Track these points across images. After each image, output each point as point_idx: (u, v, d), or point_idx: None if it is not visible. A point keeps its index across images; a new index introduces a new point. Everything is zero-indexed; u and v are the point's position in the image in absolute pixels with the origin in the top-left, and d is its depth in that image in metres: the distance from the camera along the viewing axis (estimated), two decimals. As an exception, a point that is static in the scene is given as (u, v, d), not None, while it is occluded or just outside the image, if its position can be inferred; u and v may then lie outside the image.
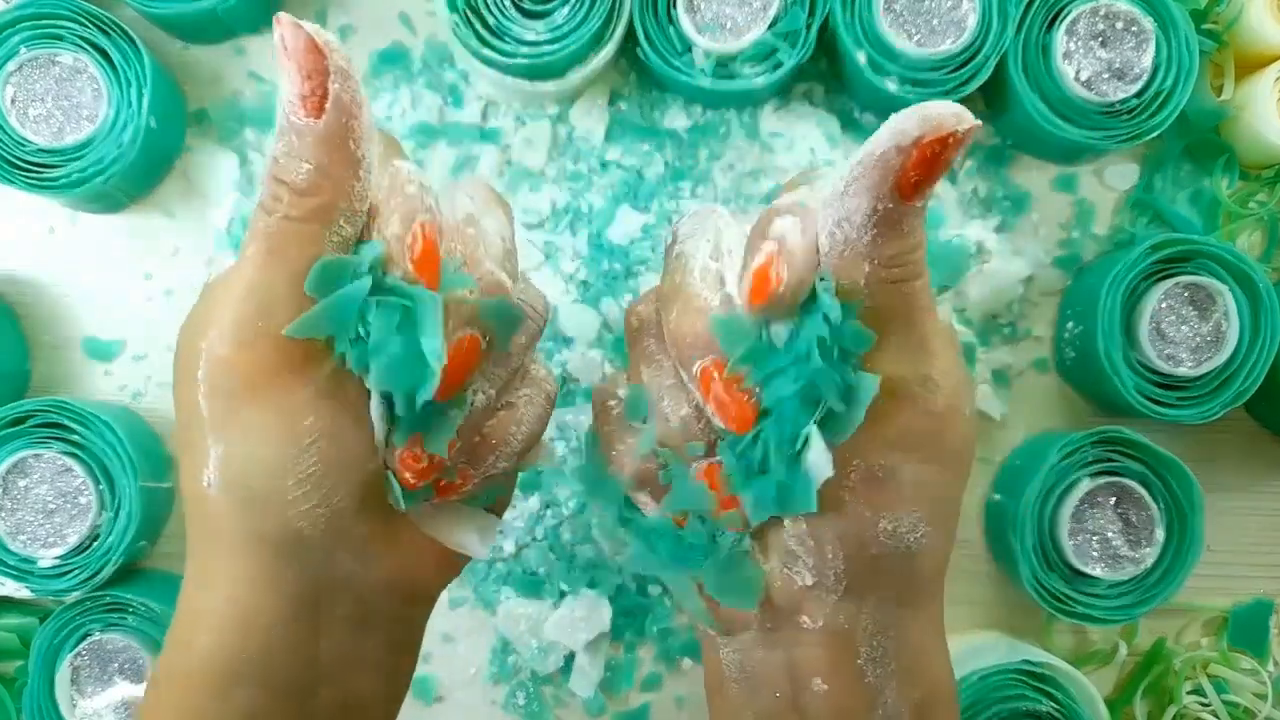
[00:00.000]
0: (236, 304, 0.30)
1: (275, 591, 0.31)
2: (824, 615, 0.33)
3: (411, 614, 0.36)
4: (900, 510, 0.32)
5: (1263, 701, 0.54)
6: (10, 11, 0.50)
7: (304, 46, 0.30)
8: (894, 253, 0.30)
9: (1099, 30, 0.50)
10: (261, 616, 0.31)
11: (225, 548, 0.31)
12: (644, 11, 0.50)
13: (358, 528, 0.32)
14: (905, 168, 0.29)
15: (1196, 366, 0.51)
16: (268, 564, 0.31)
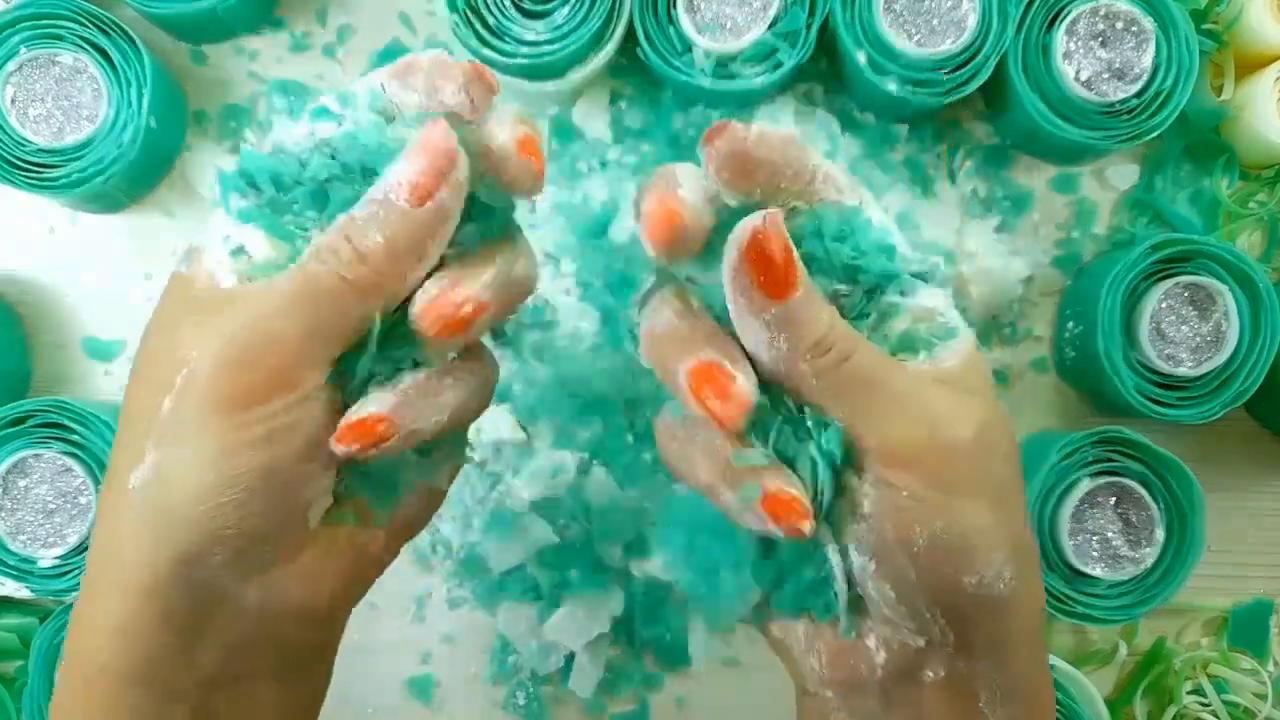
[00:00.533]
0: (246, 329, 0.30)
1: (162, 604, 0.31)
2: (944, 665, 0.33)
3: (312, 636, 0.36)
4: (977, 564, 0.32)
5: (1263, 701, 0.54)
6: (10, 11, 0.50)
7: (445, 150, 0.30)
8: (814, 340, 0.31)
9: (1099, 30, 0.50)
10: (143, 625, 0.31)
11: (126, 554, 0.31)
12: (644, 12, 0.50)
13: (265, 556, 0.32)
14: (751, 279, 0.30)
15: (1196, 366, 0.51)
16: (161, 576, 0.31)
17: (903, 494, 0.31)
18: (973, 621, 0.33)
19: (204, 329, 0.30)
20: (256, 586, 0.32)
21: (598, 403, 0.52)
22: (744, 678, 0.55)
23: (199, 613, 0.32)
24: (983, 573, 0.32)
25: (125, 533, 0.31)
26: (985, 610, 0.32)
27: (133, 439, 0.31)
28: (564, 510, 0.53)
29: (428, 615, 0.54)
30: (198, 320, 0.31)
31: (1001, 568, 0.32)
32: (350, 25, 0.55)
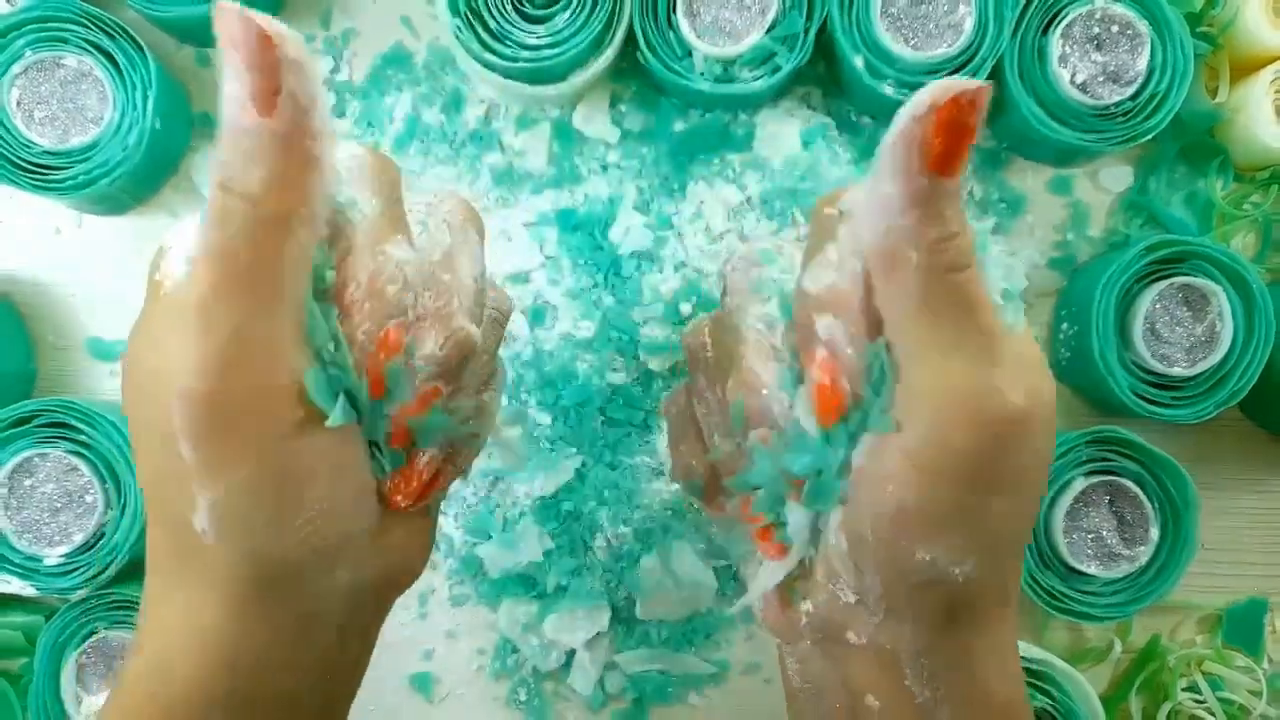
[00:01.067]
0: (198, 336, 0.27)
1: (267, 624, 0.30)
2: (868, 634, 0.33)
3: (391, 601, 0.36)
4: (938, 542, 0.30)
5: (1257, 699, 0.55)
6: (15, 15, 0.50)
7: (254, 38, 0.27)
8: (937, 236, 0.28)
9: (1094, 34, 0.51)
10: (249, 653, 0.30)
11: (215, 580, 0.29)
12: (644, 16, 0.51)
13: (356, 540, 0.31)
14: (927, 137, 0.27)
15: (1191, 366, 0.51)
16: (263, 597, 0.30)
17: (905, 440, 0.29)
18: (913, 599, 0.31)
19: (170, 351, 0.27)
20: (351, 570, 0.31)
21: (591, 400, 0.53)
22: (745, 676, 0.55)
23: (305, 615, 0.31)
24: (939, 554, 0.30)
25: (209, 564, 0.29)
26: (930, 592, 0.31)
27: (166, 483, 0.29)
28: (561, 514, 0.53)
29: (430, 612, 0.55)
30: (156, 344, 0.28)
31: (964, 557, 0.30)
32: (353, 29, 0.56)
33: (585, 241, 0.53)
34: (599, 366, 0.53)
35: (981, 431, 0.29)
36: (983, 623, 0.32)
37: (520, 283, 0.53)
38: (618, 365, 0.53)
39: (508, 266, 0.53)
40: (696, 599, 0.54)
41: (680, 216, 0.53)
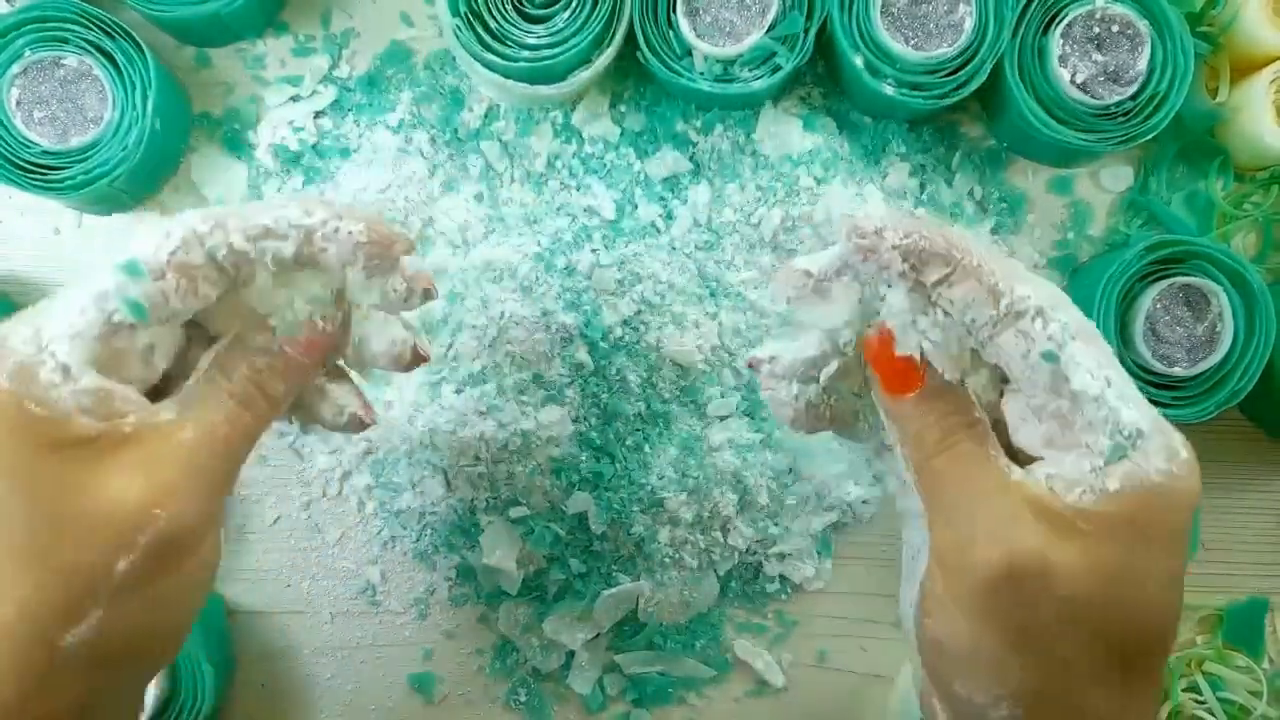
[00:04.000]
0: (206, 480, 0.34)
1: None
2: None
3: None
4: (966, 677, 0.34)
5: (1258, 699, 0.55)
6: (15, 15, 0.50)
7: (329, 337, 0.38)
8: (914, 435, 0.36)
9: (1094, 33, 0.51)
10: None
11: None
12: (644, 16, 0.51)
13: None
14: (870, 374, 0.38)
15: (1191, 366, 0.51)
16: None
17: (936, 588, 0.35)
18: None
19: (155, 475, 0.33)
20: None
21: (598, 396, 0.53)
22: (744, 679, 0.55)
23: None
24: (974, 694, 0.34)
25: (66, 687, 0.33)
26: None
27: (66, 597, 0.32)
28: (564, 515, 0.53)
29: (430, 612, 0.55)
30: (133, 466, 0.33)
31: (999, 703, 0.34)
32: (353, 28, 0.56)
33: (585, 242, 0.53)
34: (589, 362, 0.53)
35: (961, 588, 0.34)
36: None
37: (511, 279, 0.53)
38: (622, 361, 0.53)
39: (503, 265, 0.53)
40: (697, 601, 0.54)
41: (680, 216, 0.53)
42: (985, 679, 0.34)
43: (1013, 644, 0.33)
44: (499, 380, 0.52)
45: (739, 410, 0.54)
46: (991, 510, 0.34)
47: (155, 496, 0.32)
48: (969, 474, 0.35)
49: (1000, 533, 0.33)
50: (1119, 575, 0.33)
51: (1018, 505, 0.33)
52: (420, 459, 0.53)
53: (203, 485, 0.34)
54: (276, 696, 0.55)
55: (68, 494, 0.32)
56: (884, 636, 0.56)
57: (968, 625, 0.33)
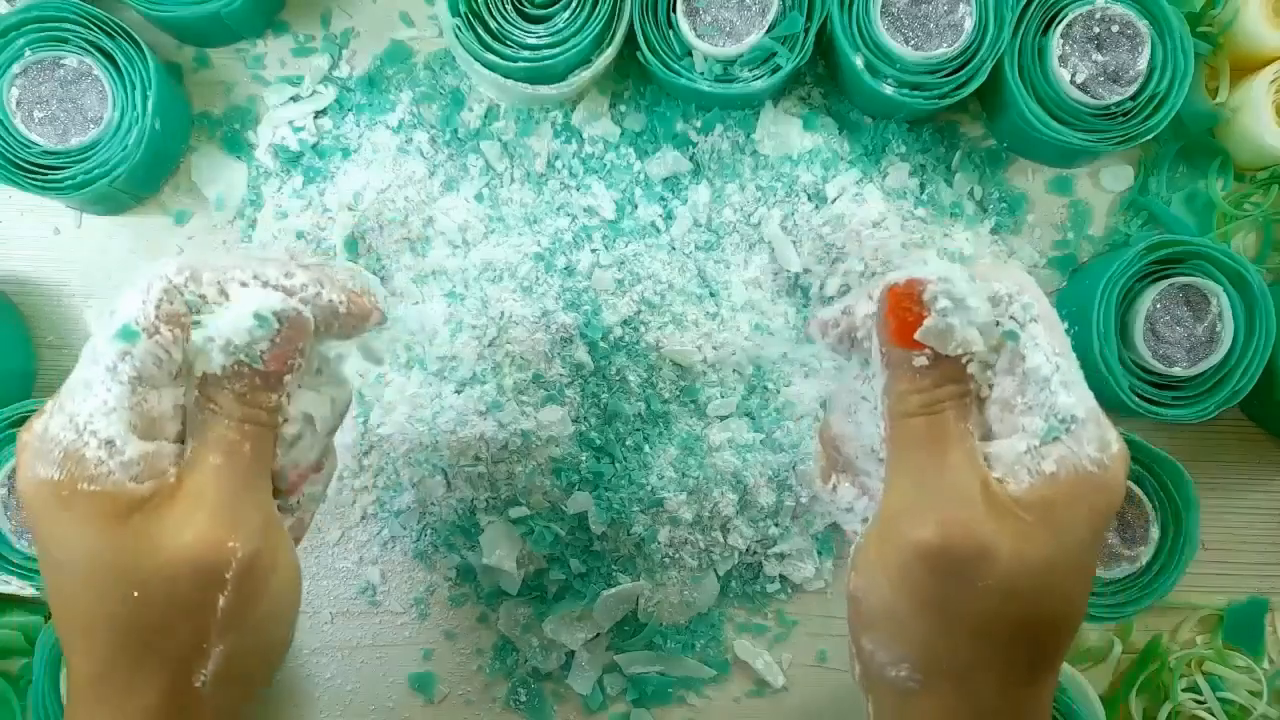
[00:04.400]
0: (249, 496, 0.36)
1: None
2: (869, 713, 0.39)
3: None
4: (875, 633, 0.36)
5: (1258, 699, 0.55)
6: (15, 15, 0.50)
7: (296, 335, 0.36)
8: (901, 389, 0.36)
9: (1094, 33, 0.51)
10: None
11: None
12: (644, 16, 0.51)
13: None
14: (884, 318, 0.36)
15: (1191, 366, 0.51)
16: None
17: (870, 546, 0.37)
18: (867, 679, 0.38)
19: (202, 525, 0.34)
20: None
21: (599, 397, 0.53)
22: (744, 679, 0.55)
23: None
24: (878, 650, 0.36)
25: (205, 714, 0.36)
26: (878, 681, 0.37)
27: (191, 644, 0.34)
28: (564, 515, 0.53)
29: (430, 612, 0.55)
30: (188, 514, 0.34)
31: (899, 664, 0.36)
32: (353, 29, 0.56)
33: (585, 241, 0.53)
34: (588, 361, 0.53)
35: (900, 552, 0.35)
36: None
37: (511, 279, 0.53)
38: (621, 360, 0.53)
39: (503, 265, 0.53)
40: (697, 601, 0.54)
41: (680, 216, 0.53)
42: (891, 638, 0.36)
43: (926, 614, 0.35)
44: (499, 380, 0.52)
45: (739, 410, 0.54)
46: (945, 484, 0.35)
47: (220, 531, 0.34)
48: (938, 444, 0.35)
49: (946, 509, 0.34)
50: (1046, 568, 0.34)
51: (971, 485, 0.35)
52: (420, 459, 0.53)
53: (250, 503, 0.36)
54: (276, 696, 0.55)
55: (145, 557, 0.34)
56: (884, 636, 0.56)
57: (887, 586, 0.35)
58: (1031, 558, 0.34)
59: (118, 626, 0.34)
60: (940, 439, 0.35)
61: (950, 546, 0.34)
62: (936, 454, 0.35)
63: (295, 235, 0.53)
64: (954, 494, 0.34)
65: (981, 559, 0.34)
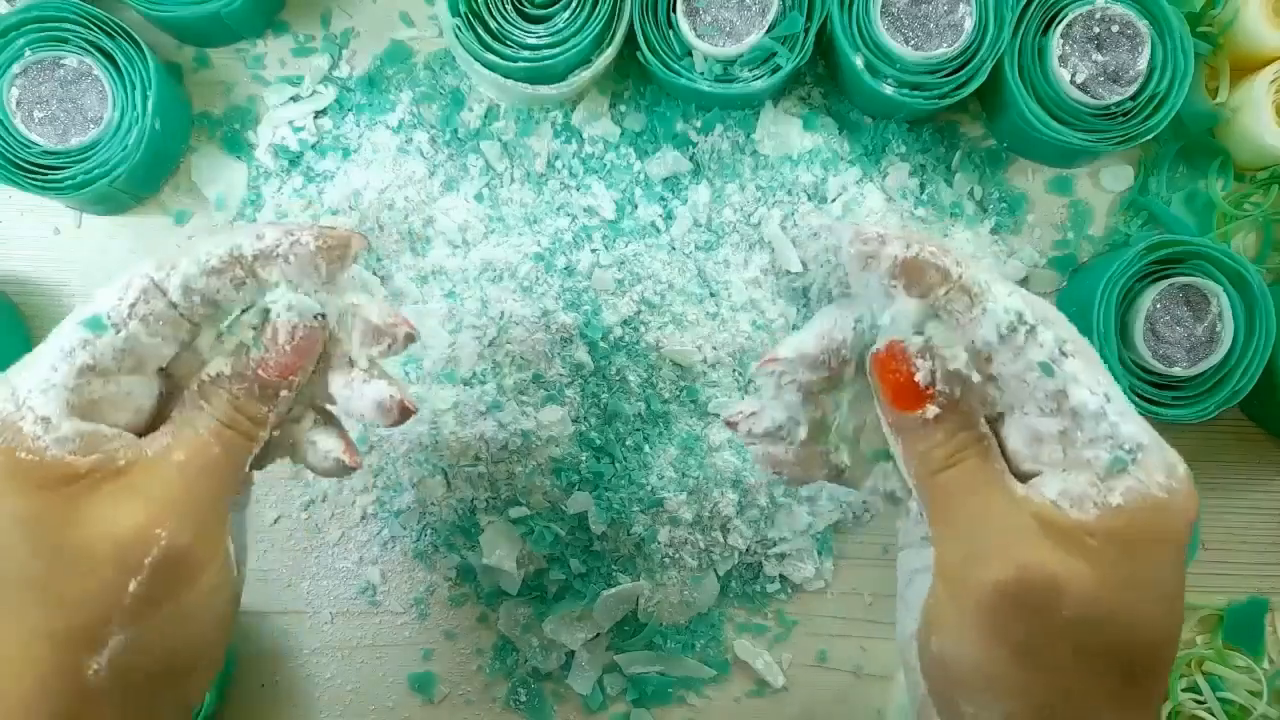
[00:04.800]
0: (202, 496, 0.35)
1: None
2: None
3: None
4: (972, 694, 0.35)
5: (1258, 699, 0.55)
6: (15, 15, 0.50)
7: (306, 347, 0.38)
8: (918, 449, 0.36)
9: (1094, 33, 0.51)
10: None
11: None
12: (644, 16, 0.51)
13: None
14: (877, 385, 0.37)
15: (1191, 366, 0.51)
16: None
17: (941, 606, 0.35)
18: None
19: (159, 496, 0.34)
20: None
21: (598, 397, 0.53)
22: (744, 679, 0.55)
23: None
24: (981, 710, 0.34)
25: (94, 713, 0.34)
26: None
27: (83, 624, 0.33)
28: (564, 515, 0.53)
29: (430, 612, 0.55)
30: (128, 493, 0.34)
31: (1010, 718, 0.34)
32: (352, 29, 0.56)
33: (585, 241, 0.53)
34: (588, 360, 0.53)
35: (969, 604, 0.34)
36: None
37: (511, 279, 0.53)
38: (620, 359, 0.53)
39: (503, 265, 0.53)
40: (697, 601, 0.54)
41: (680, 216, 0.53)
42: (993, 695, 0.34)
43: (1021, 659, 0.33)
44: (499, 380, 0.52)
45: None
46: (999, 526, 0.34)
47: (154, 518, 0.34)
48: (976, 490, 0.35)
49: (1009, 548, 0.33)
50: (1125, 589, 0.33)
51: (1025, 521, 0.34)
52: (420, 459, 0.53)
53: (200, 503, 0.35)
54: (276, 697, 0.55)
55: (69, 527, 0.33)
56: (884, 637, 0.56)
57: (975, 641, 0.34)
58: (1111, 579, 0.33)
59: (20, 591, 0.33)
60: (977, 485, 0.35)
61: (1024, 582, 0.33)
62: (976, 500, 0.35)
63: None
64: (1010, 532, 0.34)
65: (1058, 589, 0.33)
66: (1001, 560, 0.33)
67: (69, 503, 0.34)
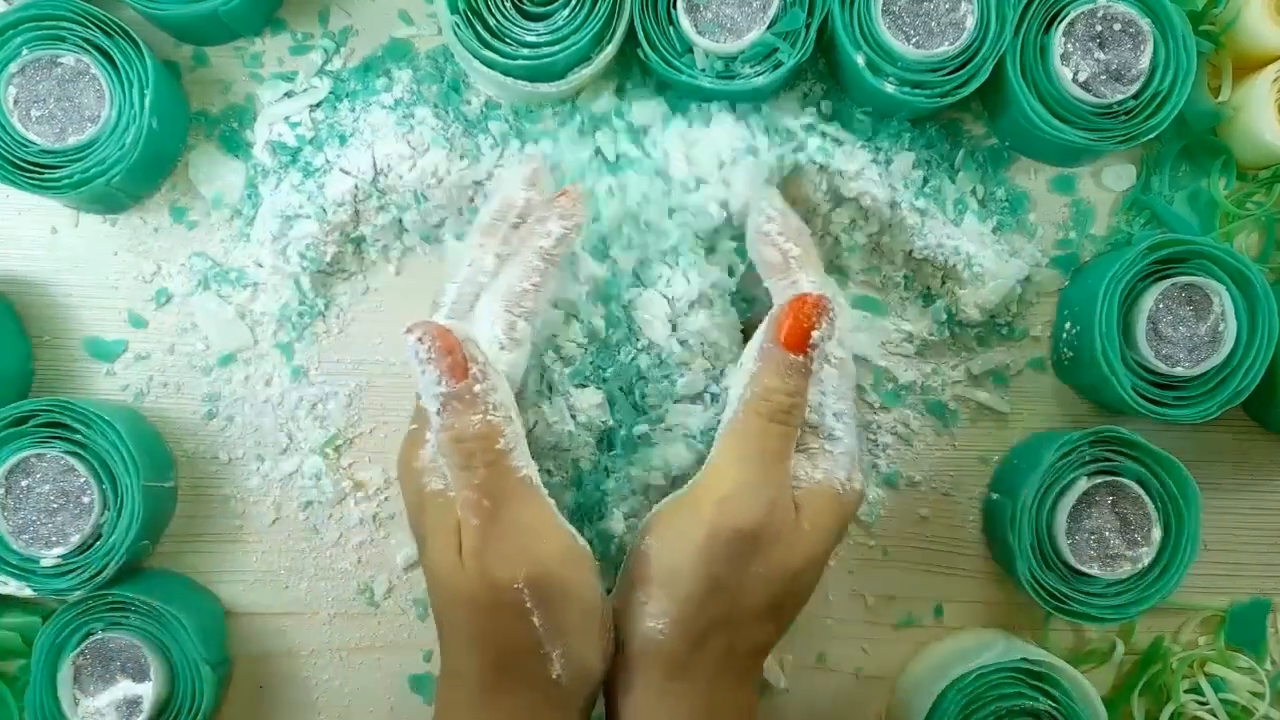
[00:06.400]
0: (512, 543, 0.41)
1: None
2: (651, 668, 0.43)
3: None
4: (648, 589, 0.43)
5: (1260, 700, 0.55)
6: (12, 13, 0.50)
7: (449, 345, 0.40)
8: (769, 385, 0.42)
9: (1097, 32, 0.51)
10: None
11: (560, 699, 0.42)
12: (644, 13, 0.51)
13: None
14: (782, 319, 0.42)
15: (1193, 366, 0.51)
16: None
17: (679, 517, 0.43)
18: (640, 634, 0.43)
19: (484, 564, 0.41)
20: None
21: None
22: (743, 676, 0.55)
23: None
24: (649, 601, 0.43)
25: (565, 698, 0.42)
26: (647, 632, 0.42)
27: (533, 648, 0.41)
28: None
29: (429, 613, 0.55)
30: (507, 553, 0.41)
31: (661, 616, 0.42)
32: (351, 26, 0.55)
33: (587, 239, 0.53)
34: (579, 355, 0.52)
35: (715, 530, 0.41)
36: (673, 688, 0.43)
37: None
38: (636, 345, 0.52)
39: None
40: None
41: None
42: (668, 596, 0.42)
43: (713, 581, 0.41)
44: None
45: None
46: (779, 492, 0.42)
47: (502, 576, 0.40)
48: (781, 456, 0.43)
49: (776, 512, 0.42)
50: (804, 564, 0.43)
51: (789, 498, 0.43)
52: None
53: (520, 533, 0.41)
54: (275, 698, 0.54)
55: (471, 590, 0.41)
56: (884, 637, 0.56)
57: (686, 554, 0.42)
58: (800, 551, 0.42)
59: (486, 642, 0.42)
60: (782, 452, 0.43)
61: (760, 538, 0.41)
62: (774, 463, 0.42)
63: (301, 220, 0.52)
64: (781, 501, 0.42)
65: (768, 547, 0.42)
66: (761, 517, 0.41)
67: (468, 566, 0.41)
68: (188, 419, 0.55)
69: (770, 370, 0.42)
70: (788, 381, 0.42)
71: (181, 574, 0.55)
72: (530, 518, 0.42)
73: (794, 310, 0.42)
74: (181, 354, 0.55)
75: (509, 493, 0.41)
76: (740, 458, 0.43)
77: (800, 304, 0.42)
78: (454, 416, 0.40)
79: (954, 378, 0.56)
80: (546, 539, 0.42)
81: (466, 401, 0.40)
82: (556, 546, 0.42)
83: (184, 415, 0.55)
